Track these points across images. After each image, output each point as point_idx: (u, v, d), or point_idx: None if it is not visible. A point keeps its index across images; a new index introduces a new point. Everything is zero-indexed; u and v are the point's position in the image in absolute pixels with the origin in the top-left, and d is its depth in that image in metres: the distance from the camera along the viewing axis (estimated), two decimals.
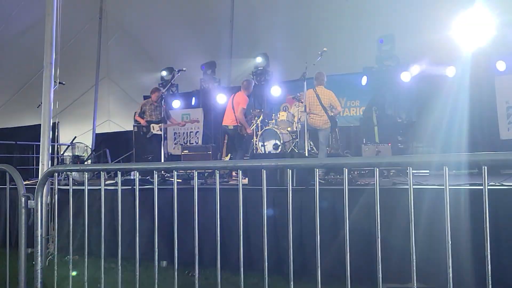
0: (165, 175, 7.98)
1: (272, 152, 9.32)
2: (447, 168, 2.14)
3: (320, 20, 12.02)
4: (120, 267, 3.07)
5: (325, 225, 4.84)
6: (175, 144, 13.40)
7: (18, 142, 13.41)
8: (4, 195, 6.84)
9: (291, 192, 2.53)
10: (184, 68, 8.59)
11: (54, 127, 7.29)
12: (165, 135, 9.79)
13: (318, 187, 2.50)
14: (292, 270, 2.51)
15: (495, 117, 9.60)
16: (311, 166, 2.46)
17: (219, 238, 2.72)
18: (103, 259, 3.11)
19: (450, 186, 2.17)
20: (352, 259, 2.39)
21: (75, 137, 10.35)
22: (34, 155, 13.08)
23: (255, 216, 5.26)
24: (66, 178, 7.00)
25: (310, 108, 7.97)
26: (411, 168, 2.25)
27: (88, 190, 3.23)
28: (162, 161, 8.91)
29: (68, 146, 9.92)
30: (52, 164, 6.59)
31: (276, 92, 12.44)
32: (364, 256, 4.74)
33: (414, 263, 2.22)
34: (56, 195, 3.53)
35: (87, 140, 12.83)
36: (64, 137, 13.54)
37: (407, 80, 10.87)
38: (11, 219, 7.06)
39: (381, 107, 10.59)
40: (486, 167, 2.05)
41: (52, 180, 5.78)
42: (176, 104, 13.93)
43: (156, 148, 9.50)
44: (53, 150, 7.16)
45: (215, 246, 2.74)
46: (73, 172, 3.41)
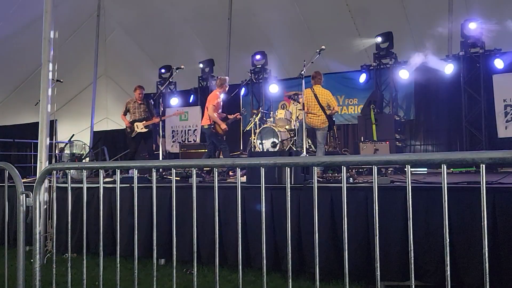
0: (163, 173, 7.98)
1: (270, 150, 9.33)
2: (445, 166, 2.15)
3: (318, 18, 12.02)
4: (118, 264, 3.07)
5: (323, 223, 4.85)
6: (173, 142, 13.40)
7: (16, 140, 13.41)
8: (2, 193, 6.85)
9: (289, 190, 2.53)
10: (182, 66, 8.56)
11: (52, 125, 7.27)
12: (163, 133, 9.78)
13: (316, 185, 2.50)
14: (291, 267, 2.52)
15: (492, 115, 9.61)
16: (310, 164, 2.46)
17: (217, 236, 2.72)
18: (102, 257, 3.11)
19: (448, 184, 2.18)
20: (350, 257, 2.39)
21: (73, 134, 10.34)
22: (32, 153, 13.09)
23: (253, 214, 5.26)
24: (64, 176, 7.00)
25: (308, 108, 7.97)
26: (409, 166, 2.25)
27: (87, 188, 3.23)
28: (161, 158, 8.89)
29: (66, 144, 9.91)
30: (50, 162, 6.58)
31: (274, 90, 12.44)
32: (363, 254, 4.75)
33: (412, 261, 2.22)
34: (55, 193, 3.52)
35: (85, 138, 12.81)
36: (62, 135, 13.51)
37: (405, 78, 10.89)
38: (9, 217, 7.06)
39: (379, 105, 10.60)
40: (484, 165, 2.06)
41: (50, 178, 5.78)
42: (174, 101, 13.93)
43: (142, 146, 9.62)
44: (51, 148, 7.14)
45: (213, 244, 2.74)
46: (71, 170, 3.40)
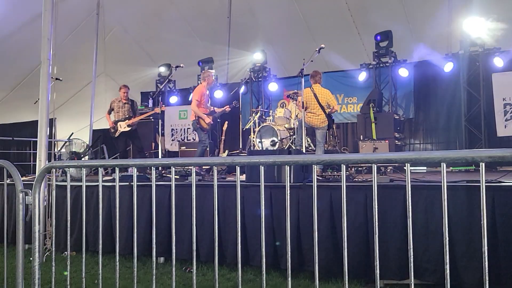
0: (162, 172, 7.98)
1: (270, 148, 9.33)
2: (445, 165, 2.15)
3: (318, 17, 12.01)
4: (117, 263, 3.07)
5: (322, 221, 4.86)
6: (172, 140, 13.40)
7: (15, 138, 13.39)
8: (1, 191, 6.84)
9: (289, 188, 2.53)
10: (182, 64, 8.56)
11: (51, 123, 7.28)
12: (162, 131, 9.78)
13: (316, 183, 2.50)
14: (290, 266, 2.51)
15: (492, 114, 9.62)
16: (309, 162, 2.46)
17: (217, 234, 2.72)
18: (101, 255, 3.11)
19: (447, 183, 2.18)
20: (349, 256, 2.39)
21: (72, 133, 10.33)
22: (31, 151, 13.07)
23: (252, 212, 5.27)
24: (64, 174, 7.00)
25: (308, 107, 7.96)
26: (409, 165, 2.25)
27: (86, 186, 3.22)
28: (160, 157, 8.90)
29: (65, 142, 9.90)
30: (49, 160, 6.58)
31: (273, 89, 12.44)
32: (362, 252, 4.75)
33: (412, 259, 2.22)
34: (54, 191, 3.52)
35: (84, 136, 12.78)
36: (61, 133, 13.51)
37: (404, 76, 10.90)
38: (8, 215, 7.07)
39: (378, 103, 10.61)
40: (483, 164, 2.06)
41: (49, 176, 5.78)
42: (174, 100, 13.93)
43: (126, 145, 9.72)
44: (50, 146, 7.14)
45: (212, 242, 2.74)
46: (70, 168, 3.40)
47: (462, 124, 10.06)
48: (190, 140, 12.82)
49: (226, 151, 10.26)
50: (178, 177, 7.24)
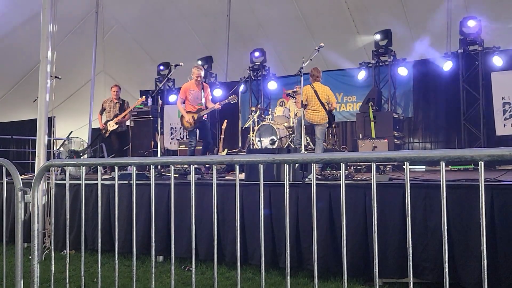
0: (161, 170, 7.98)
1: (269, 147, 9.33)
2: (444, 163, 2.15)
3: (317, 15, 12.01)
4: (116, 261, 3.07)
5: (321, 220, 4.86)
6: (171, 139, 13.39)
7: (14, 137, 13.38)
8: (0, 189, 6.83)
9: (288, 187, 2.53)
10: (181, 63, 8.54)
11: (50, 121, 7.26)
12: (161, 129, 9.77)
13: (315, 182, 2.50)
14: (289, 264, 2.51)
15: (491, 113, 9.61)
16: (309, 161, 2.46)
17: (216, 233, 2.72)
18: (100, 254, 3.11)
19: (446, 181, 2.18)
20: (348, 254, 2.40)
21: (71, 131, 10.32)
22: (30, 150, 13.06)
23: (251, 211, 5.27)
24: (63, 173, 6.99)
25: (308, 104, 7.96)
26: (408, 164, 2.25)
27: (85, 184, 3.22)
28: (159, 155, 8.89)
29: (64, 141, 9.90)
30: (48, 158, 6.58)
31: (272, 87, 12.43)
32: (361, 251, 4.75)
33: (411, 258, 2.23)
34: (53, 190, 3.52)
35: (83, 135, 12.80)
36: (60, 131, 13.49)
37: (403, 75, 10.89)
38: (7, 214, 7.06)
39: (377, 102, 10.61)
40: (482, 163, 2.06)
41: (48, 174, 5.78)
42: (173, 98, 13.91)
43: (117, 144, 9.74)
44: (49, 144, 7.13)
45: (211, 241, 2.74)
46: (69, 167, 3.39)
47: (461, 123, 10.06)
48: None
49: (226, 150, 10.25)
50: (177, 175, 7.23)
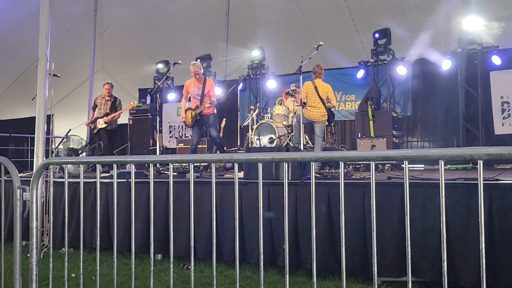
0: (160, 168, 7.97)
1: (268, 146, 9.32)
2: (443, 162, 2.15)
3: (316, 14, 12.00)
4: (115, 259, 3.06)
5: (320, 219, 4.86)
6: (170, 137, 13.37)
7: (12, 135, 13.37)
8: None
9: (287, 185, 2.53)
10: (180, 61, 8.53)
11: (49, 119, 7.26)
12: (160, 128, 9.76)
13: (314, 180, 2.50)
14: (287, 263, 2.52)
15: (489, 112, 9.62)
16: (307, 159, 2.46)
17: (214, 231, 2.71)
18: (98, 252, 3.11)
19: (445, 180, 2.18)
20: (347, 253, 2.40)
21: (70, 129, 10.31)
22: (29, 148, 13.04)
23: (250, 209, 5.27)
24: (61, 171, 6.99)
25: (308, 100, 7.96)
26: (407, 162, 2.25)
27: (83, 182, 3.22)
28: (158, 153, 8.88)
29: (63, 139, 9.89)
30: (46, 156, 6.57)
31: (271, 86, 12.43)
32: (359, 250, 4.76)
33: (409, 257, 2.23)
34: (52, 188, 3.51)
35: (81, 133, 12.77)
36: (59, 129, 13.48)
37: (402, 74, 10.89)
38: (5, 212, 7.05)
39: (376, 101, 10.61)
40: (481, 162, 2.06)
41: (47, 172, 5.77)
42: (172, 96, 13.91)
43: (106, 141, 9.82)
44: (47, 142, 7.12)
45: (210, 239, 2.74)
46: (68, 165, 3.39)
47: (459, 122, 10.06)
48: (188, 137, 12.79)
49: (224, 148, 10.24)
50: (176, 174, 7.23)
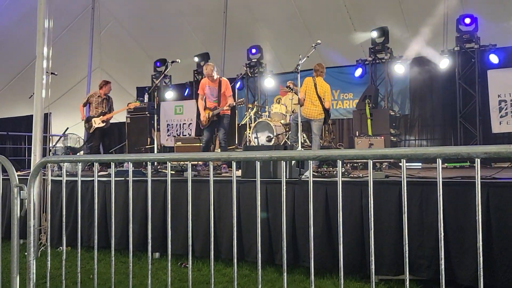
0: (157, 167, 7.96)
1: (265, 144, 9.32)
2: (441, 161, 2.15)
3: (314, 12, 11.99)
4: (113, 258, 3.06)
5: (317, 217, 4.86)
6: (168, 135, 13.36)
7: (10, 133, 13.34)
8: None
9: (285, 184, 2.53)
10: (178, 60, 8.51)
11: (46, 117, 7.24)
12: (158, 126, 9.75)
13: (312, 179, 2.50)
14: (285, 261, 2.52)
15: (487, 110, 9.63)
16: (305, 158, 2.46)
17: (212, 229, 2.71)
18: (96, 250, 3.11)
19: (442, 179, 2.18)
20: (344, 251, 2.40)
21: (68, 128, 10.30)
22: (26, 146, 13.03)
23: (247, 208, 5.27)
24: (59, 169, 6.98)
25: (306, 96, 7.97)
26: (405, 161, 2.25)
27: (81, 181, 3.21)
28: (155, 152, 8.87)
29: (60, 137, 9.88)
30: (44, 155, 6.56)
31: (269, 84, 12.43)
32: (357, 248, 4.76)
33: (407, 255, 2.23)
34: (49, 186, 3.51)
35: (79, 131, 12.75)
36: (56, 128, 13.45)
37: (400, 72, 10.90)
38: (3, 210, 7.04)
39: (374, 99, 10.61)
40: (479, 160, 2.06)
41: (44, 171, 5.76)
42: (169, 95, 13.90)
43: (101, 140, 9.88)
44: (45, 141, 7.11)
45: (208, 238, 2.74)
46: (65, 163, 3.38)
47: (457, 121, 10.08)
48: (185, 135, 12.80)
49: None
50: (173, 172, 7.22)
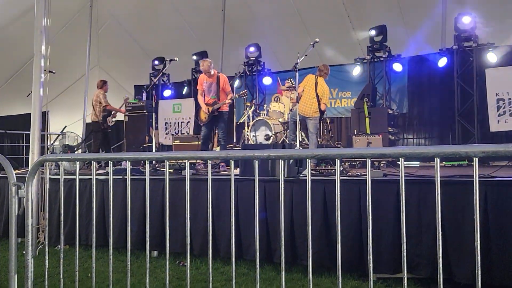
0: (156, 165, 7.96)
1: (264, 142, 9.32)
2: (439, 160, 2.15)
3: (312, 11, 11.99)
4: (111, 256, 3.06)
5: (316, 215, 4.86)
6: (166, 134, 13.35)
7: (8, 131, 13.31)
8: None
9: (283, 182, 2.53)
10: (176, 58, 8.50)
11: (44, 116, 7.24)
12: (156, 124, 9.75)
13: (310, 177, 2.50)
14: (283, 260, 2.52)
15: (485, 109, 9.64)
16: (303, 156, 2.46)
17: (210, 228, 2.71)
18: (94, 249, 3.11)
19: (440, 177, 2.18)
20: (342, 250, 2.40)
21: (66, 126, 10.29)
22: (24, 144, 13.00)
23: (246, 206, 5.27)
24: (57, 168, 6.98)
25: (304, 92, 7.97)
26: (403, 160, 2.25)
27: (79, 179, 3.21)
28: (154, 150, 8.87)
29: (58, 136, 9.87)
30: (42, 153, 6.55)
31: (267, 83, 12.42)
32: (355, 246, 4.77)
33: (405, 253, 2.23)
34: (47, 185, 3.50)
35: (77, 130, 12.76)
36: (55, 126, 13.45)
37: (398, 71, 10.90)
38: (0, 209, 7.04)
39: (372, 98, 10.62)
40: (477, 159, 2.06)
41: (42, 169, 5.75)
42: (167, 93, 13.89)
43: (110, 140, 10.39)
44: (43, 139, 7.10)
45: (206, 236, 2.74)
46: (64, 162, 3.38)
47: (455, 119, 10.08)
48: (184, 133, 12.78)
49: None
50: (172, 170, 7.23)
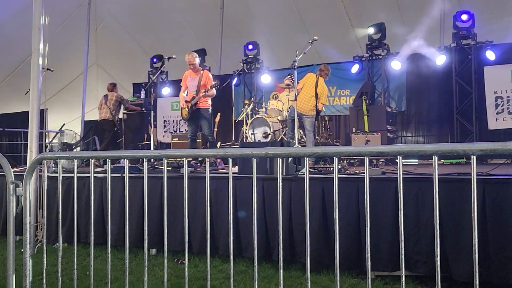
0: (154, 163, 7.96)
1: (262, 140, 9.32)
2: (437, 158, 2.16)
3: (311, 8, 11.99)
4: (109, 254, 3.06)
5: (314, 213, 4.87)
6: (164, 132, 13.35)
7: (6, 129, 13.30)
8: None
9: (281, 180, 2.53)
10: (174, 55, 8.49)
11: (43, 114, 7.23)
12: (155, 122, 9.75)
13: (308, 175, 2.50)
14: (282, 257, 2.52)
15: (483, 107, 9.65)
16: (302, 155, 2.46)
17: (209, 226, 2.71)
18: (92, 247, 3.10)
19: (438, 175, 2.18)
20: (341, 247, 2.40)
21: (64, 124, 10.28)
22: (22, 142, 12.99)
23: (244, 204, 5.27)
24: (55, 166, 6.97)
25: (303, 89, 7.97)
26: (401, 158, 2.25)
27: (77, 177, 3.20)
28: (152, 148, 8.86)
29: (56, 133, 9.86)
30: (40, 151, 6.54)
31: (266, 80, 12.41)
32: (353, 244, 4.77)
33: (403, 251, 2.24)
34: (45, 183, 3.49)
35: (75, 127, 12.74)
36: (53, 124, 13.44)
37: (397, 69, 10.90)
38: None
39: (371, 96, 10.61)
40: (475, 157, 2.07)
41: (40, 167, 5.74)
42: (166, 91, 13.87)
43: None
44: (41, 137, 7.10)
45: (204, 234, 2.74)
46: (62, 160, 3.37)
47: (453, 117, 10.09)
48: (182, 131, 12.78)
49: (219, 143, 10.24)
50: (170, 168, 7.22)
